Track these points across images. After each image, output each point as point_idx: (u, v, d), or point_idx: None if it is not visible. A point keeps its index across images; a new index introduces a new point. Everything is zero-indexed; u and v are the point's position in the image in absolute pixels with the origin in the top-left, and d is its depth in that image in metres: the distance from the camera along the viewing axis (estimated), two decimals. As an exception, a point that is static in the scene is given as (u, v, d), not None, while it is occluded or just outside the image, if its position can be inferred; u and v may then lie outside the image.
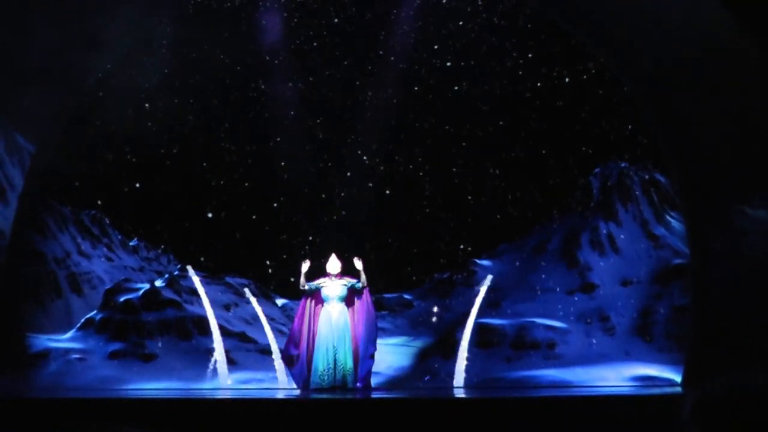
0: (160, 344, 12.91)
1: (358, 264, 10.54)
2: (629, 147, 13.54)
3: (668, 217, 13.20)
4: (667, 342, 11.75)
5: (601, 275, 13.05)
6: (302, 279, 10.63)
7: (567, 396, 9.34)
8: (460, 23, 14.79)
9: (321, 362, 10.41)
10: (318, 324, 10.58)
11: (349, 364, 10.43)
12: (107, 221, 14.49)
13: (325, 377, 10.38)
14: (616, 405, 8.10)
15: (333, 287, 10.61)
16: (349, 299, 10.67)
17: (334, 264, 10.75)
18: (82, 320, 13.28)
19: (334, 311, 10.52)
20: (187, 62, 14.44)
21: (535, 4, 13.11)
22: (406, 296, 14.65)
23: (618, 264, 13.03)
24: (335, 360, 10.39)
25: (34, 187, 12.68)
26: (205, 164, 14.82)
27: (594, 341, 12.60)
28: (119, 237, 14.57)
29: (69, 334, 13.10)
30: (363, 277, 10.52)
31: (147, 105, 14.28)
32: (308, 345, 10.60)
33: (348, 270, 10.73)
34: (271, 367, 12.93)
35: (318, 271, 10.80)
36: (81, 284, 13.60)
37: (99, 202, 14.38)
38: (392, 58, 14.93)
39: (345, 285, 10.59)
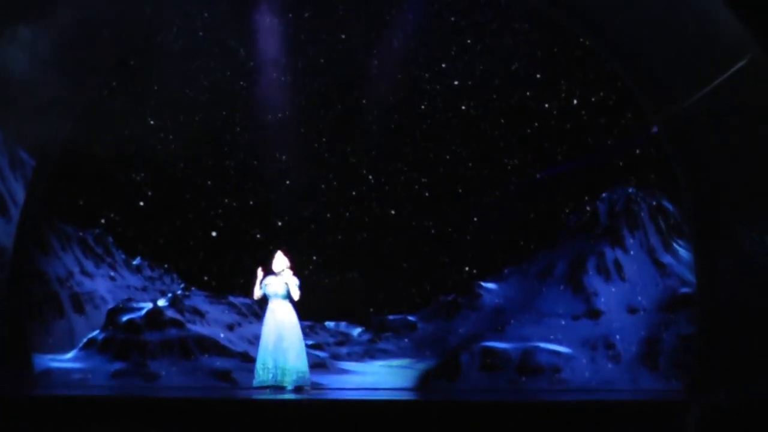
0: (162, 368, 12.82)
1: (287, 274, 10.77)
2: (637, 172, 13.49)
3: (675, 246, 13.13)
4: (673, 371, 11.66)
5: (607, 301, 12.96)
6: (256, 288, 10.81)
7: (572, 401, 9.29)
8: (468, 41, 14.77)
9: (261, 360, 10.55)
10: (264, 322, 10.78)
11: (290, 363, 10.47)
12: (111, 240, 14.41)
13: (266, 375, 10.49)
14: (620, 411, 8.08)
15: (276, 284, 10.82)
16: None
17: (278, 262, 10.92)
18: (85, 340, 13.20)
19: (277, 309, 10.70)
20: (192, 78, 14.42)
21: (555, 23, 13.15)
22: (411, 318, 14.57)
23: (624, 290, 12.95)
24: (275, 358, 10.48)
25: (36, 201, 12.62)
26: (209, 182, 14.75)
27: (599, 368, 12.52)
28: (123, 256, 14.48)
29: (71, 354, 13.02)
30: (291, 288, 10.70)
31: (152, 122, 14.25)
32: None
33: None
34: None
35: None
36: (84, 304, 13.52)
37: (103, 221, 14.32)
38: (399, 77, 14.91)
39: (287, 283, 10.78)
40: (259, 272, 10.83)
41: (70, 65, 12.45)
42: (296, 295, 10.83)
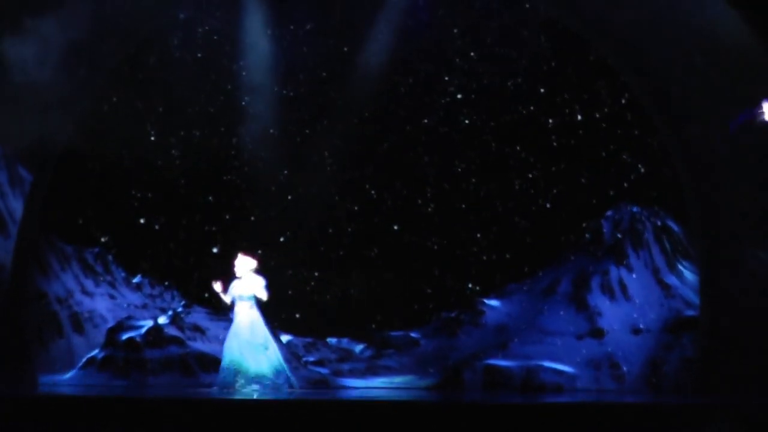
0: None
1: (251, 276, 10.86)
2: (642, 191, 13.38)
3: (680, 267, 13.00)
4: (676, 396, 11.52)
5: (610, 321, 12.83)
6: (224, 298, 10.91)
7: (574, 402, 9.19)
8: (472, 54, 14.66)
9: (224, 360, 10.76)
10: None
11: (245, 364, 10.61)
12: (110, 258, 14.30)
13: (227, 376, 10.65)
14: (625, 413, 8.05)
15: (239, 287, 10.95)
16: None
17: (240, 264, 11.04)
18: (84, 359, 13.11)
19: (241, 311, 10.85)
20: (193, 93, 14.34)
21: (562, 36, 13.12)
22: (413, 334, 14.42)
23: (628, 310, 12.82)
24: (240, 362, 10.63)
25: (33, 216, 12.55)
26: (210, 198, 14.66)
27: (603, 388, 12.41)
28: (123, 274, 14.35)
29: (71, 374, 12.93)
30: (257, 290, 10.82)
31: (152, 138, 14.17)
32: None
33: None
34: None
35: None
36: (83, 323, 13.41)
37: (103, 239, 14.23)
38: (402, 90, 14.81)
39: (252, 285, 10.91)
40: (216, 286, 10.91)
41: (73, 68, 12.40)
42: (263, 295, 10.97)
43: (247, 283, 10.96)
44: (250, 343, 10.71)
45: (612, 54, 13.08)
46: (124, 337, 13.35)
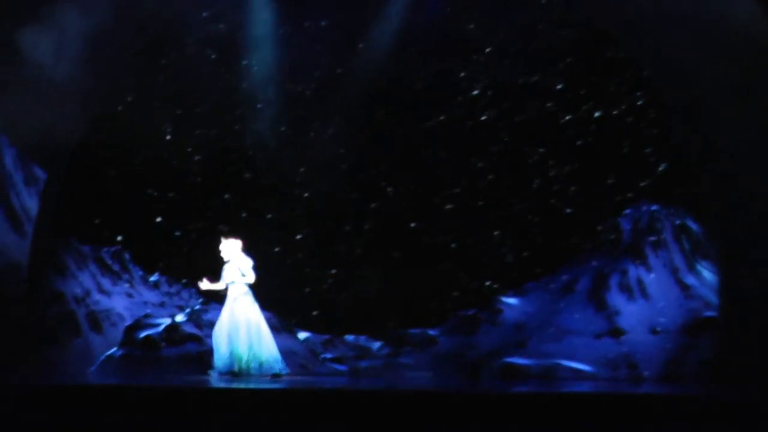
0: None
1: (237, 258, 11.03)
2: (661, 189, 13.21)
3: (699, 267, 12.82)
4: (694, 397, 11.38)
5: (629, 320, 12.66)
6: (219, 285, 11.11)
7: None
8: (488, 49, 14.54)
9: (214, 345, 11.01)
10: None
11: (253, 349, 10.80)
12: (128, 257, 14.37)
13: (219, 362, 10.89)
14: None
15: (229, 271, 11.18)
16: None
17: (225, 248, 11.25)
18: (102, 358, 13.16)
19: (230, 295, 11.10)
20: (209, 91, 14.34)
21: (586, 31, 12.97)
22: (431, 332, 14.32)
23: (647, 310, 12.64)
24: (227, 344, 10.86)
25: (48, 214, 12.62)
26: (227, 196, 14.67)
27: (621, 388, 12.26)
28: (140, 272, 14.41)
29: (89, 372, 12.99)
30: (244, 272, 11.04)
31: (168, 137, 14.19)
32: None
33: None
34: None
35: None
36: (101, 322, 13.46)
37: (119, 238, 14.29)
38: (418, 87, 14.72)
39: (233, 268, 11.10)
40: (203, 284, 11.27)
41: (88, 60, 12.44)
42: (251, 277, 11.12)
43: (235, 265, 11.11)
44: (247, 327, 10.87)
45: (633, 49, 12.94)
46: (142, 335, 13.34)
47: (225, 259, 11.21)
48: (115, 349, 13.28)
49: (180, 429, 7.51)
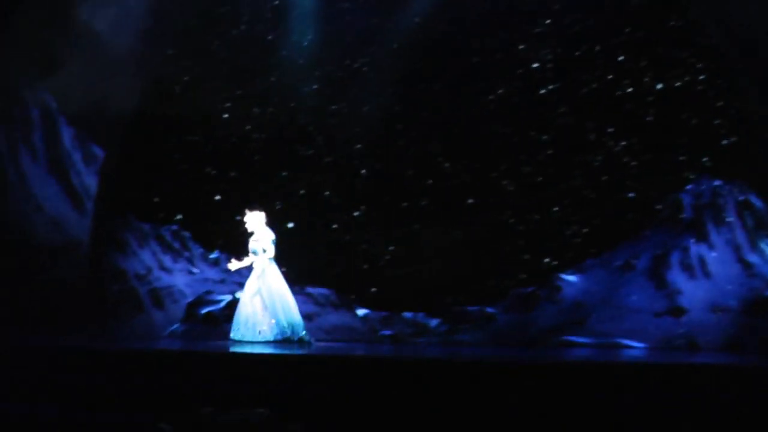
0: None
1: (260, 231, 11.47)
2: (724, 164, 12.77)
3: (762, 245, 12.37)
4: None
5: (690, 299, 12.32)
6: (246, 261, 11.51)
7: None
8: (547, 21, 14.25)
9: (235, 315, 11.43)
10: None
11: (259, 316, 11.23)
12: (188, 235, 14.60)
13: (238, 329, 11.31)
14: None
15: (253, 242, 11.64)
16: None
17: (250, 219, 11.64)
18: (165, 334, 13.44)
19: (256, 266, 11.48)
20: (264, 70, 14.41)
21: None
22: (489, 310, 14.20)
23: (708, 289, 12.27)
24: (243, 311, 11.32)
25: (107, 193, 12.89)
26: (284, 173, 14.75)
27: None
28: (200, 250, 14.63)
29: (151, 348, 13.29)
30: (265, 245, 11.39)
31: (225, 115, 14.32)
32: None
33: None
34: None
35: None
36: (163, 299, 13.74)
37: (179, 217, 14.52)
38: (475, 60, 14.51)
39: (257, 240, 11.48)
40: (232, 264, 11.71)
41: (149, 34, 12.62)
42: (271, 251, 11.49)
43: (258, 237, 11.51)
44: (273, 295, 11.28)
45: (699, 16, 12.50)
46: (204, 311, 13.59)
47: (249, 230, 11.61)
48: (177, 325, 13.58)
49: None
